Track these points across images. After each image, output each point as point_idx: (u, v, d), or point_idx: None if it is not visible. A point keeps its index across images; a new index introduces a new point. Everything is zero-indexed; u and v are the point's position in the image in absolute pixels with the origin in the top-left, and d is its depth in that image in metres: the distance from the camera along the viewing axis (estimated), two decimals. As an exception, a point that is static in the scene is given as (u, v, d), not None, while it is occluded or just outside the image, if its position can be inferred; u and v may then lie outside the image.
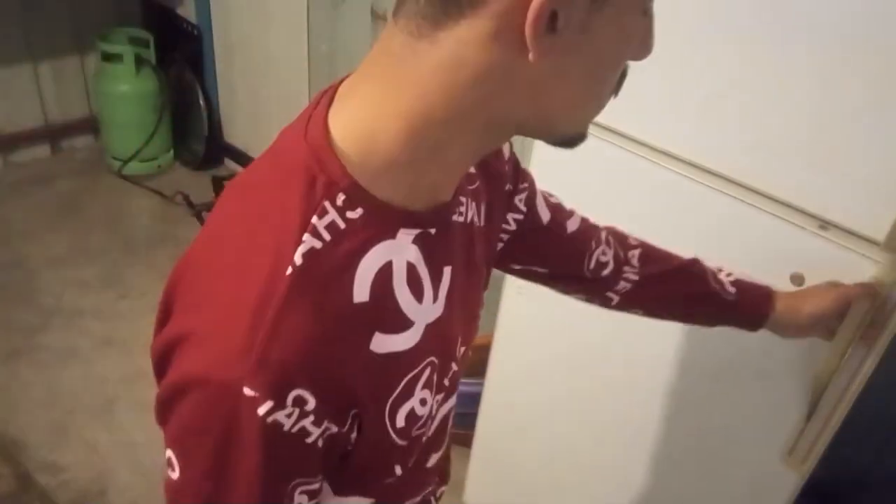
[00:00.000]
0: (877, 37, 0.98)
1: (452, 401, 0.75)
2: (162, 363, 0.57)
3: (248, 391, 0.51)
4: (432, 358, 0.64)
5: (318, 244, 0.54)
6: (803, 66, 1.05)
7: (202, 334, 0.54)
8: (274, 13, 2.74)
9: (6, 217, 2.97)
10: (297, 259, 0.53)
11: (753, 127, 1.12)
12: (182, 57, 3.22)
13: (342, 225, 0.55)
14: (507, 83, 0.54)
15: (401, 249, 0.59)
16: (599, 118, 0.63)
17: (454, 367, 0.71)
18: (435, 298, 0.63)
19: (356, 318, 0.56)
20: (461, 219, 0.69)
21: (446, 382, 0.69)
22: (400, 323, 0.60)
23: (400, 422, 0.62)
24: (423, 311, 0.62)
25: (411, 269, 0.60)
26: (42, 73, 3.19)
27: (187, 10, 3.16)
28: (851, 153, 1.04)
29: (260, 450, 0.53)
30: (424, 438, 0.68)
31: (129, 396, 2.28)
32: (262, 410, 0.51)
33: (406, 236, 0.59)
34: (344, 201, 0.55)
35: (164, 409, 0.57)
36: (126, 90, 3.07)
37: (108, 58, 3.03)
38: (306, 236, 0.54)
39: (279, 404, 0.51)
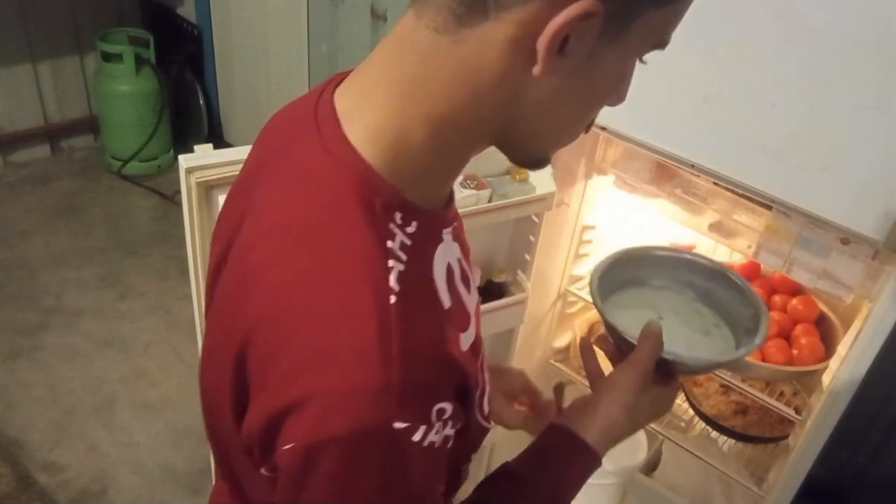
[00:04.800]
0: (876, 37, 0.98)
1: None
2: (270, 433, 0.53)
3: (399, 425, 0.51)
4: (481, 339, 0.67)
5: (401, 266, 0.54)
6: (802, 67, 1.05)
7: (329, 393, 0.51)
8: (274, 13, 2.74)
9: (6, 217, 2.98)
10: (394, 286, 0.53)
11: (752, 127, 1.12)
12: (182, 57, 3.22)
13: (408, 242, 0.56)
14: (516, 93, 0.55)
15: (449, 249, 0.62)
16: (599, 119, 0.63)
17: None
18: (474, 285, 0.68)
19: (449, 323, 0.58)
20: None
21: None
22: (466, 318, 0.63)
23: (486, 407, 0.66)
24: (471, 300, 0.65)
25: (460, 264, 0.64)
26: (42, 73, 3.19)
27: (187, 10, 3.16)
28: (851, 153, 1.04)
29: (422, 472, 0.54)
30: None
31: (129, 396, 2.28)
32: (416, 437, 0.52)
33: (447, 236, 0.62)
34: (402, 218, 0.56)
35: (300, 478, 0.52)
36: (126, 90, 3.08)
37: (108, 58, 3.03)
38: (391, 262, 0.54)
39: (429, 425, 0.52)
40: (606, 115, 0.62)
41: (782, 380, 1.42)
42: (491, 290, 1.45)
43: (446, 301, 0.59)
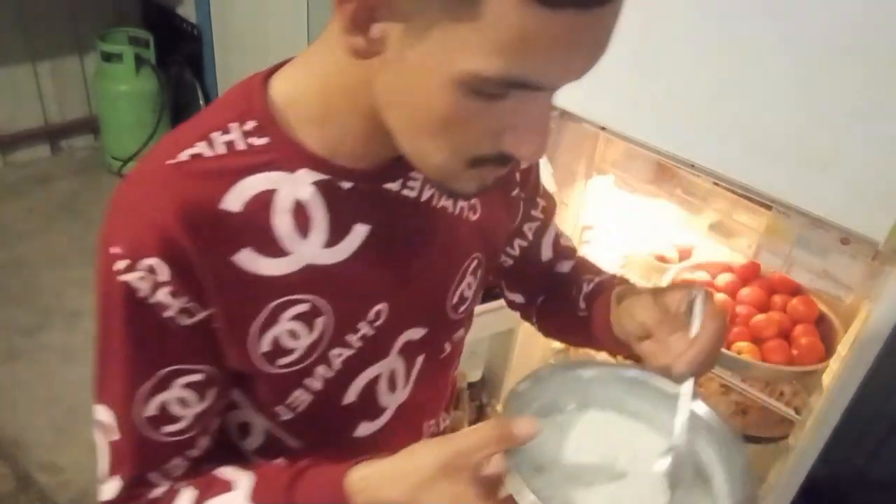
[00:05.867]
0: (876, 37, 0.98)
1: (378, 369, 0.72)
2: None
3: (112, 249, 0.58)
4: (313, 297, 0.65)
5: (207, 152, 0.60)
6: (802, 67, 1.05)
7: (104, 232, 0.61)
8: (274, 13, 2.73)
9: (6, 217, 2.97)
10: (183, 157, 0.59)
11: (752, 127, 1.12)
12: (182, 57, 3.22)
13: (242, 146, 0.60)
14: (367, 74, 0.55)
15: (294, 184, 0.62)
16: (598, 117, 0.63)
17: (364, 329, 0.69)
18: (329, 244, 0.65)
19: (219, 223, 0.59)
20: (411, 193, 0.68)
21: (353, 341, 0.68)
22: (273, 249, 0.62)
23: (265, 346, 0.64)
24: (307, 249, 0.64)
25: (300, 205, 0.62)
26: (42, 73, 3.19)
27: (187, 10, 3.16)
28: (851, 153, 1.04)
29: (122, 317, 0.59)
30: (305, 379, 0.67)
31: (129, 396, 2.28)
32: (118, 266, 0.58)
33: (306, 176, 0.62)
34: (254, 128, 0.61)
35: None
36: (126, 90, 3.07)
37: (108, 58, 3.03)
38: (199, 143, 0.60)
39: (132, 264, 0.57)
40: (607, 115, 0.62)
41: (782, 380, 1.42)
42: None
43: (233, 206, 0.60)
